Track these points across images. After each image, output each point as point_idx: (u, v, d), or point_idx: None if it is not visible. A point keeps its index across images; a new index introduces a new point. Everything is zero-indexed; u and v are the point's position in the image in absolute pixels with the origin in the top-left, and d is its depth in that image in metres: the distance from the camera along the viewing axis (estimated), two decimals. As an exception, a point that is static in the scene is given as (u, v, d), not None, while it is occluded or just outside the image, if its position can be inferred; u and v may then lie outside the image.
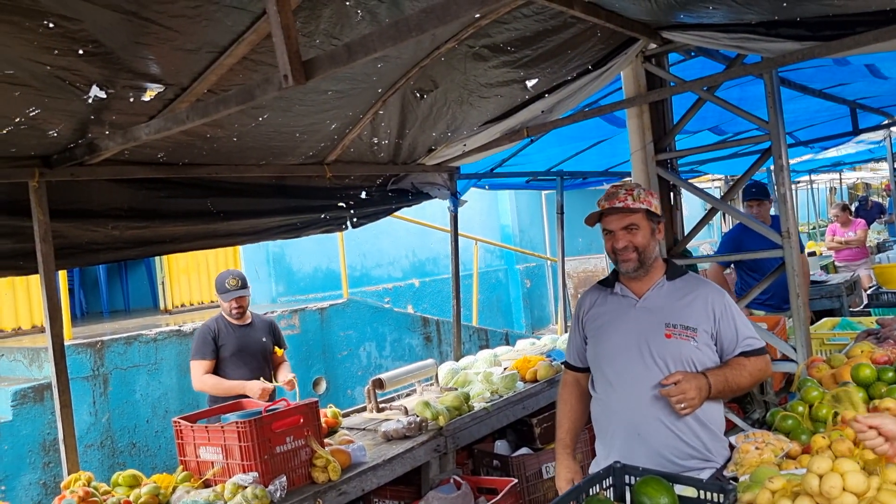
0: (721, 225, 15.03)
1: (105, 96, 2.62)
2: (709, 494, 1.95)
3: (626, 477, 2.12)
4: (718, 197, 6.56)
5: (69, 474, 3.17)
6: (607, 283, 2.73)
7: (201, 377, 4.53)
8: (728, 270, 6.31)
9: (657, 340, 2.50)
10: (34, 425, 4.94)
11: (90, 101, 2.60)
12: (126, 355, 5.66)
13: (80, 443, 5.21)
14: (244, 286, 4.67)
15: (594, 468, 2.69)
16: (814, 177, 15.85)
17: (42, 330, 6.54)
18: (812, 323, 4.55)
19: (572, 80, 4.49)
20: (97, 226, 3.45)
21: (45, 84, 2.44)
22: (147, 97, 2.79)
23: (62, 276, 5.85)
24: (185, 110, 2.60)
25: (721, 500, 1.89)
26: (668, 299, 2.57)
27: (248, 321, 4.78)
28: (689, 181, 10.54)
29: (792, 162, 11.60)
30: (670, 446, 2.46)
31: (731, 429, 4.13)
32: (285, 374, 4.76)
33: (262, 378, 4.56)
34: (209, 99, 2.77)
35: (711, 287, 2.62)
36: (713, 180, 13.39)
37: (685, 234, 4.38)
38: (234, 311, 4.66)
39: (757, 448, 2.35)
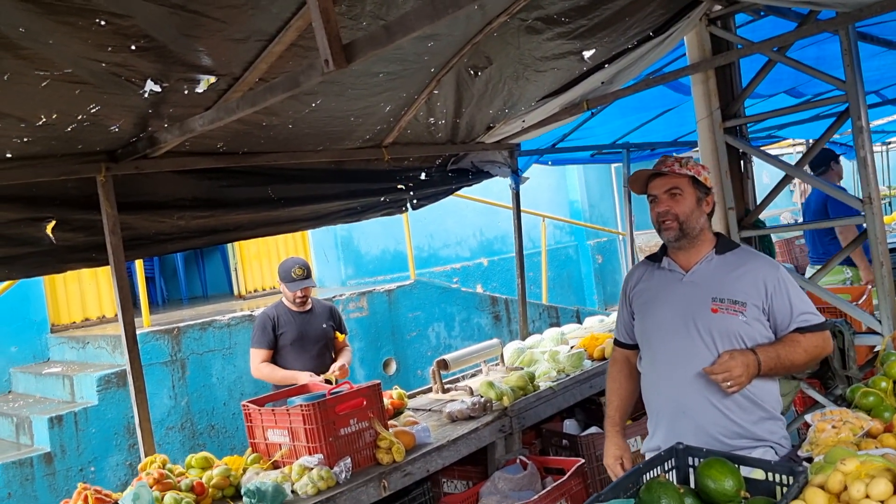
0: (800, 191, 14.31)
1: (160, 90, 2.68)
2: (777, 476, 1.86)
3: (690, 458, 2.04)
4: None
5: (146, 457, 3.31)
6: (655, 258, 2.66)
7: (258, 366, 4.56)
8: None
9: (703, 315, 2.44)
10: (119, 409, 5.20)
11: (146, 95, 2.67)
12: (202, 340, 5.86)
13: (162, 425, 5.46)
14: (309, 275, 4.63)
15: (646, 446, 2.67)
16: (905, 137, 14.84)
17: (125, 318, 6.86)
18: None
19: (632, 49, 4.32)
20: (164, 217, 3.56)
21: (102, 81, 2.51)
22: (201, 89, 2.84)
23: (139, 265, 6.11)
24: (236, 100, 2.64)
25: (790, 483, 1.79)
26: (717, 273, 2.49)
27: (309, 307, 4.73)
28: (765, 147, 10.06)
29: (882, 122, 10.88)
30: (717, 424, 2.40)
31: (812, 405, 3.95)
32: (336, 364, 4.68)
33: (321, 365, 4.62)
34: (259, 88, 2.80)
35: (763, 260, 2.54)
36: (794, 145, 12.72)
37: (757, 203, 4.18)
38: (297, 300, 4.63)
39: (834, 427, 2.22)
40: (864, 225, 3.53)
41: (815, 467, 1.86)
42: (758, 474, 1.92)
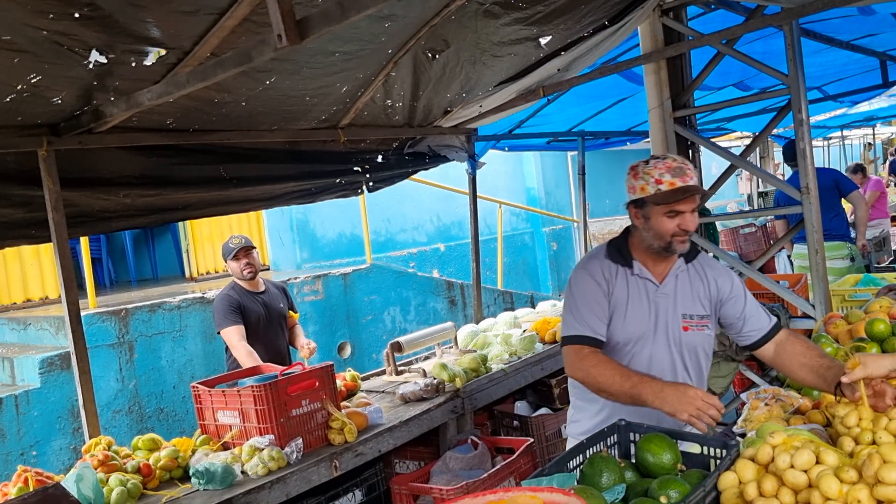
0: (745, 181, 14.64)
1: (106, 61, 2.61)
2: (712, 450, 1.93)
3: (631, 434, 2.10)
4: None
5: (90, 439, 3.25)
6: (622, 261, 2.53)
7: (239, 343, 4.29)
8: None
9: (676, 331, 2.46)
10: (62, 392, 5.07)
11: (91, 66, 2.59)
12: (150, 323, 5.75)
13: (109, 409, 5.36)
14: (249, 243, 4.54)
15: (571, 432, 2.66)
16: (846, 132, 15.37)
17: (71, 299, 6.68)
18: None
19: (588, 37, 4.37)
20: (109, 194, 3.47)
21: (43, 49, 2.43)
22: (150, 61, 2.77)
23: (84, 245, 5.95)
24: (186, 74, 2.59)
25: (724, 456, 1.86)
26: (685, 286, 2.49)
27: (263, 288, 4.68)
28: (714, 139, 10.30)
29: (824, 117, 11.25)
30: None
31: (749, 386, 4.09)
32: (304, 341, 4.72)
33: (280, 346, 4.60)
34: (210, 62, 2.75)
35: (721, 270, 2.55)
36: (741, 138, 13.06)
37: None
38: (245, 272, 4.51)
39: (766, 404, 2.32)
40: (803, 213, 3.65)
41: (748, 441, 1.94)
42: (693, 448, 2.00)
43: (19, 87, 2.62)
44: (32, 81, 2.59)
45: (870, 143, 20.44)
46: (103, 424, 5.28)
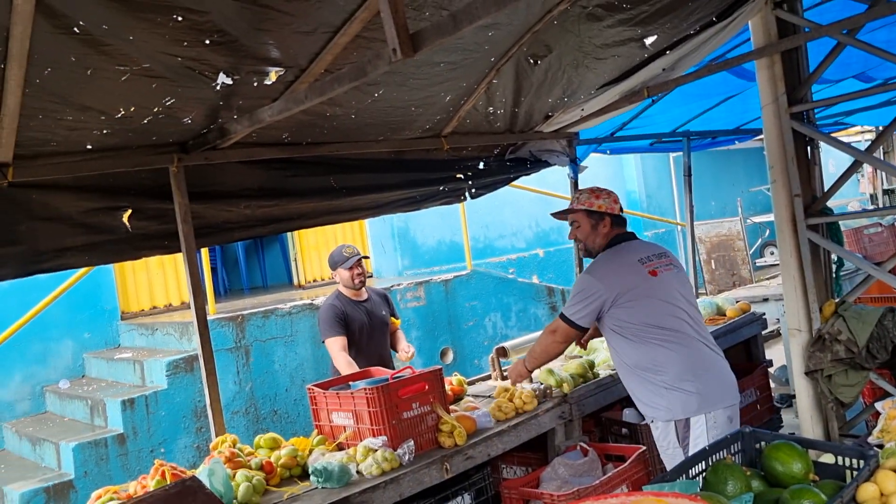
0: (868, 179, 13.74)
1: (231, 82, 2.78)
2: (847, 460, 1.84)
3: (756, 442, 2.03)
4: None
5: (216, 436, 3.44)
6: None
7: (339, 353, 4.47)
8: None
9: None
10: (187, 393, 5.40)
11: (218, 87, 2.77)
12: (264, 328, 6.03)
13: (227, 410, 5.65)
14: (359, 252, 4.68)
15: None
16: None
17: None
18: None
19: (695, 35, 4.26)
20: (231, 206, 3.69)
21: (177, 74, 2.62)
22: (269, 80, 2.93)
23: (204, 255, 6.33)
24: (304, 91, 2.72)
25: (860, 467, 1.77)
26: None
27: (366, 296, 4.80)
28: (832, 135, 9.76)
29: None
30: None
31: (881, 395, 3.83)
32: (404, 345, 4.81)
33: (384, 352, 4.71)
34: (325, 78, 2.87)
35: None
36: (862, 132, 12.28)
37: (825, 190, 4.07)
38: (356, 280, 4.64)
39: (906, 415, 2.18)
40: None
41: (887, 452, 1.83)
42: (826, 458, 1.91)
43: (156, 109, 2.84)
44: (167, 104, 2.80)
45: None
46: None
